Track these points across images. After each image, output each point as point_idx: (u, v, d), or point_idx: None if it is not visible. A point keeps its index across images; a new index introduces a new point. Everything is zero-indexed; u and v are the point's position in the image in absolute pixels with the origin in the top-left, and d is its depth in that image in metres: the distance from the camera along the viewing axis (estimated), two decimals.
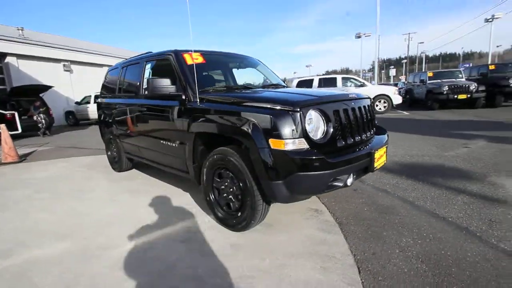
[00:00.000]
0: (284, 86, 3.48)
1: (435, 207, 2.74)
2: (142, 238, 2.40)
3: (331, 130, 2.10)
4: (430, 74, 13.63)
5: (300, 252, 2.10)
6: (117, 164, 4.56)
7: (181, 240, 2.33)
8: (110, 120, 4.38)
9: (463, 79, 12.77)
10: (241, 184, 2.24)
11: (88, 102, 14.28)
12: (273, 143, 1.96)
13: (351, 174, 2.14)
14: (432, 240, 2.18)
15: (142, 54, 3.90)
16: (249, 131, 2.06)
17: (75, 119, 15.09)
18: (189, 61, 2.99)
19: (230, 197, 2.40)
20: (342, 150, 2.17)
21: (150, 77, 2.84)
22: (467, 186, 3.21)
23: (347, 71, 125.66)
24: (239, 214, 2.32)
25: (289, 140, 1.94)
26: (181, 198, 3.26)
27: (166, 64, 3.25)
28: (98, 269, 1.99)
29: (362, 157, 2.21)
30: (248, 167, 2.15)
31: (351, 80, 12.71)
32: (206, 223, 2.61)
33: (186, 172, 2.92)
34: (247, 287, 1.75)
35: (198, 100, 2.61)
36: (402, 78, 44.65)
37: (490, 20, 28.63)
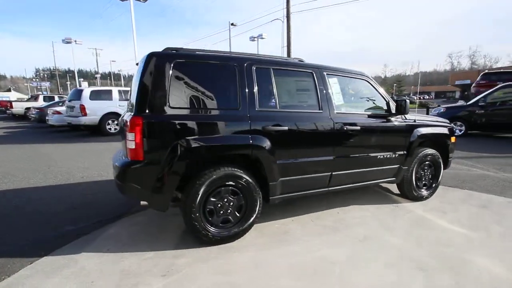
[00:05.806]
0: None
1: None
2: None
3: None
4: None
5: None
6: (238, 226, 2.65)
7: None
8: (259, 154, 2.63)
9: None
10: (435, 165, 3.83)
11: None
12: (453, 139, 3.98)
13: None
14: None
15: (293, 60, 3.20)
16: (449, 134, 3.95)
17: None
18: None
19: (426, 177, 3.81)
20: None
21: (400, 98, 3.79)
22: None
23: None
24: (432, 183, 3.87)
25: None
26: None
27: (358, 84, 3.49)
28: None
29: None
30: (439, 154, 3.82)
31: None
32: None
33: (390, 178, 3.57)
34: None
35: (406, 117, 3.60)
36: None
37: None
